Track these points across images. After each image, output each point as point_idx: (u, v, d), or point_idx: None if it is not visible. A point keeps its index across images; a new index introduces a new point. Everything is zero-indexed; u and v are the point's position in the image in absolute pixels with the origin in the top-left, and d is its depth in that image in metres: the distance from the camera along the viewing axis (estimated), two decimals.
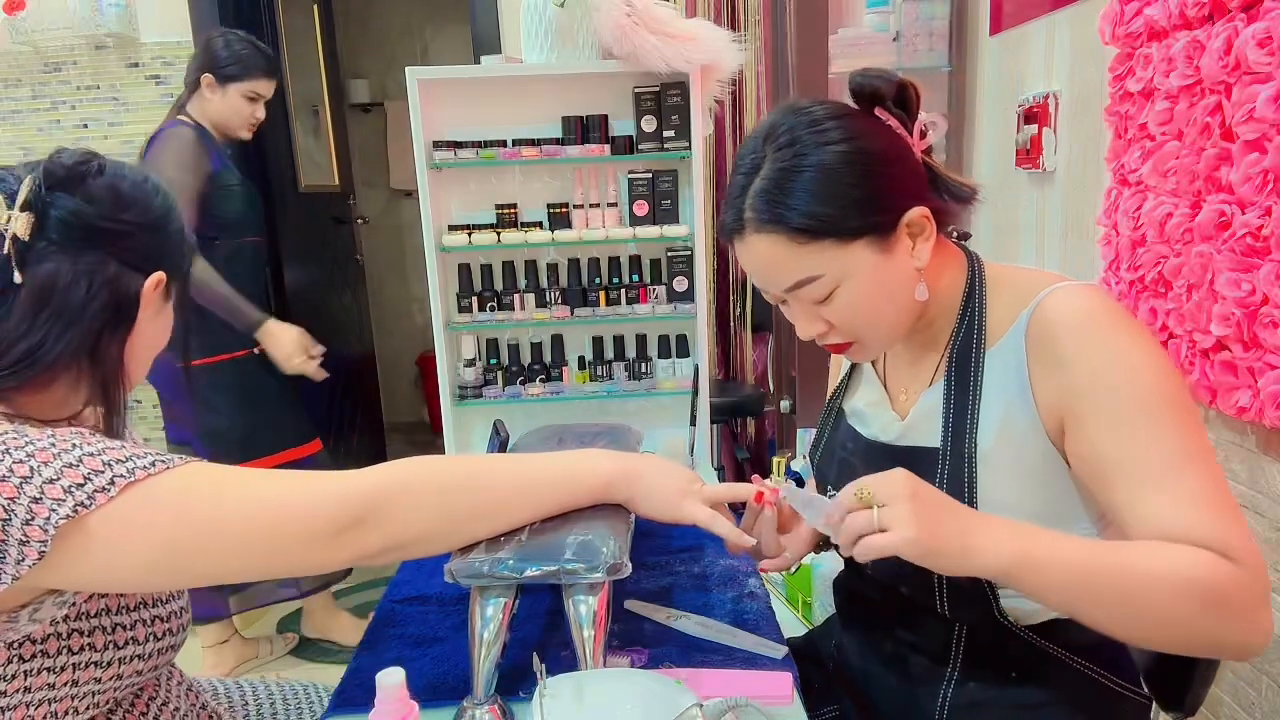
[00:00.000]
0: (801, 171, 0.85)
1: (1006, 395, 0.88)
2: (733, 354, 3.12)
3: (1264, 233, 1.24)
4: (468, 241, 1.81)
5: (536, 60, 1.80)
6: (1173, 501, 0.78)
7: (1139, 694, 0.96)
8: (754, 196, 0.87)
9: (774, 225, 0.85)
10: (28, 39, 2.85)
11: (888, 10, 2.41)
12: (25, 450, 0.71)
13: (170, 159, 2.07)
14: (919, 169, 0.91)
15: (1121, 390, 0.81)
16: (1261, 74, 1.23)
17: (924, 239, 0.89)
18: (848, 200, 0.84)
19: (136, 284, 0.83)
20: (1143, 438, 0.80)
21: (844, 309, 0.89)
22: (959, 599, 0.92)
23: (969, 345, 0.92)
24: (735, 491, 0.96)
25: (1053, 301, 0.86)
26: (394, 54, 4.62)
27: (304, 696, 1.19)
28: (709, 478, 1.71)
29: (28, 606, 0.75)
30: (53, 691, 0.78)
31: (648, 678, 0.79)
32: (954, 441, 0.90)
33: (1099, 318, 0.83)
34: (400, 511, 0.81)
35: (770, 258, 0.88)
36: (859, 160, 0.85)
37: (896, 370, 1.03)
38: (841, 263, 0.86)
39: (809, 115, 0.88)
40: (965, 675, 0.95)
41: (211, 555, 0.76)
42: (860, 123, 0.88)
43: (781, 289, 0.90)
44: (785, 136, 0.87)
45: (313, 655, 2.60)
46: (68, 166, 0.80)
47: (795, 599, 1.76)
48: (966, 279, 0.94)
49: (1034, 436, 0.87)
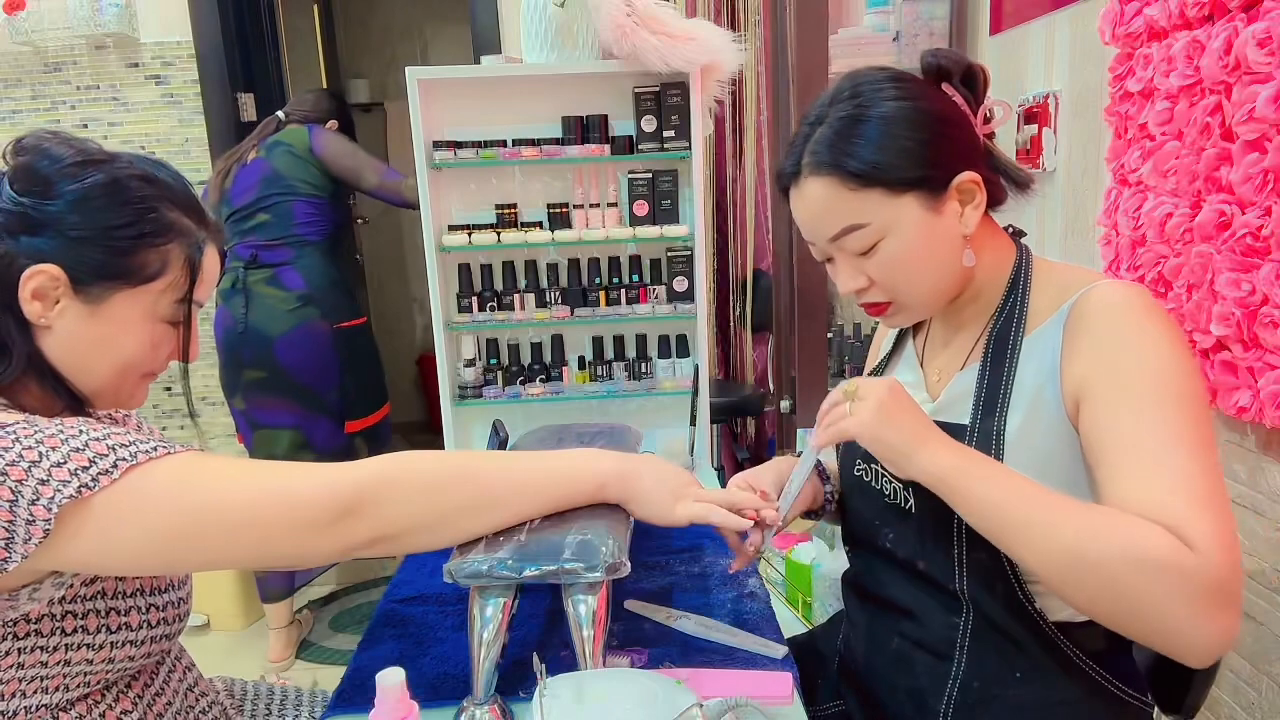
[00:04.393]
0: (861, 121, 0.88)
1: (1039, 380, 0.89)
2: (733, 354, 3.12)
3: (1264, 233, 1.24)
4: (468, 241, 1.81)
5: (536, 60, 1.80)
6: (1148, 481, 0.78)
7: (1144, 702, 0.95)
8: (814, 143, 0.90)
9: (829, 169, 0.89)
10: (27, 39, 2.85)
11: (888, 10, 2.41)
12: (34, 437, 0.73)
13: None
14: (977, 142, 0.94)
15: (1132, 372, 0.82)
16: (1261, 74, 1.23)
17: (973, 206, 0.91)
18: (902, 151, 0.88)
19: (19, 270, 0.80)
20: (1140, 420, 0.80)
21: (886, 263, 0.91)
22: (978, 574, 0.92)
23: (1009, 329, 0.93)
24: (732, 498, 0.97)
25: (1095, 292, 0.88)
26: (394, 54, 4.62)
27: (304, 696, 1.19)
28: (709, 478, 1.71)
29: (28, 586, 0.77)
30: (45, 669, 0.80)
31: (648, 678, 0.79)
32: (983, 420, 0.91)
33: (1133, 306, 0.85)
34: (390, 504, 0.81)
35: (822, 202, 0.91)
36: (917, 116, 0.89)
37: (933, 352, 1.05)
38: (889, 214, 0.89)
39: (876, 75, 0.92)
40: (970, 674, 0.94)
41: (204, 541, 0.77)
42: (924, 88, 0.93)
43: (828, 236, 0.93)
44: (849, 92, 0.91)
45: (313, 655, 2.60)
46: (13, 147, 0.81)
47: (795, 599, 1.76)
48: (1014, 266, 0.96)
49: (1058, 420, 0.87)
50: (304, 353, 2.39)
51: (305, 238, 2.43)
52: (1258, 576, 1.41)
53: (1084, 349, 0.86)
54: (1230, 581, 0.74)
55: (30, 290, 0.80)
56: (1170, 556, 0.73)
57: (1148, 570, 0.73)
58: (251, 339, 2.36)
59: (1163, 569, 0.73)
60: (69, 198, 0.81)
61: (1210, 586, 0.73)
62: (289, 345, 2.37)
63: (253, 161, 2.44)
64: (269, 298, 2.37)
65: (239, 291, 2.37)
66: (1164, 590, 0.73)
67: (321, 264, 2.45)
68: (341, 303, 2.49)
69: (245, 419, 2.47)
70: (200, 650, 2.61)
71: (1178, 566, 0.73)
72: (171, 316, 0.88)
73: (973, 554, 0.92)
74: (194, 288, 0.89)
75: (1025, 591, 0.90)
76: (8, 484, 0.70)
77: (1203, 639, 0.74)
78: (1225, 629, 0.75)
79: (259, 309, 2.36)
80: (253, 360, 2.38)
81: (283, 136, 2.47)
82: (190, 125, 3.02)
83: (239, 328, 2.36)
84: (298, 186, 2.42)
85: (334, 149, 2.46)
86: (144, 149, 3.03)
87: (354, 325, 2.53)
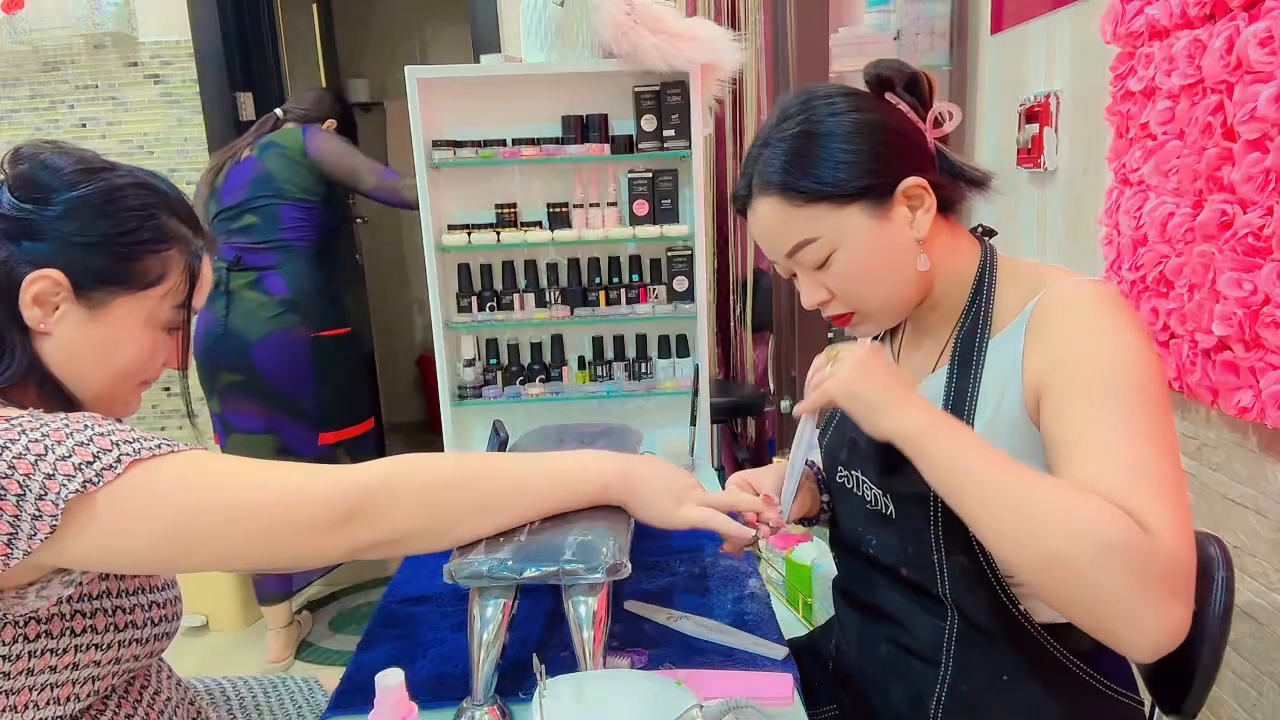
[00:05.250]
0: (803, 138, 0.91)
1: (1002, 379, 0.89)
2: (733, 354, 3.12)
3: (1265, 232, 1.24)
4: (467, 241, 1.81)
5: (536, 59, 1.80)
6: (1104, 466, 0.76)
7: (1132, 699, 0.95)
8: (761, 164, 0.93)
9: (774, 188, 0.91)
10: (26, 38, 2.85)
11: (888, 9, 2.41)
12: (40, 431, 0.73)
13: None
14: (924, 147, 0.94)
15: (1087, 365, 0.81)
16: (1263, 73, 1.23)
17: (923, 210, 0.92)
18: (841, 164, 0.89)
19: (20, 276, 0.80)
20: (1095, 412, 0.79)
21: (841, 275, 0.93)
22: (960, 579, 0.92)
23: (974, 331, 0.93)
24: (733, 501, 0.96)
25: (1058, 288, 0.88)
26: (394, 53, 4.62)
27: (304, 696, 1.19)
28: (709, 478, 1.71)
29: (35, 584, 0.77)
30: (54, 675, 0.80)
31: (647, 679, 0.79)
32: None
33: (1093, 301, 0.85)
34: (393, 507, 0.81)
35: (772, 221, 0.93)
36: (857, 128, 0.90)
37: (906, 356, 1.05)
38: (838, 226, 0.90)
39: (819, 92, 0.94)
40: (958, 678, 0.94)
41: (207, 540, 0.77)
42: (867, 100, 0.94)
43: (783, 253, 0.94)
44: (794, 110, 0.93)
45: (313, 655, 2.60)
46: (11, 155, 0.81)
47: (795, 599, 1.76)
48: (979, 267, 0.96)
49: (1020, 419, 0.87)
50: (280, 358, 2.36)
51: (291, 243, 2.39)
52: (1258, 576, 1.40)
53: (1043, 345, 0.86)
54: (1183, 566, 0.73)
55: (32, 295, 0.80)
56: (1123, 535, 0.71)
57: (1099, 544, 0.71)
58: (230, 342, 2.33)
59: (1114, 545, 0.71)
60: (71, 204, 0.82)
61: (1162, 570, 0.71)
62: (265, 350, 2.33)
63: (245, 160, 2.41)
64: (250, 302, 2.34)
65: (221, 294, 2.33)
66: (1115, 566, 0.71)
67: (307, 270, 2.41)
68: (324, 311, 2.45)
69: (220, 422, 2.44)
70: (200, 650, 2.63)
71: (1129, 544, 0.71)
72: (169, 323, 0.89)
73: (952, 557, 0.92)
74: (193, 293, 0.90)
75: (1009, 594, 0.90)
76: (15, 477, 0.70)
77: (1151, 626, 0.72)
78: (1175, 622, 0.72)
79: (239, 312, 2.33)
80: (230, 364, 2.35)
81: (277, 137, 2.43)
82: (189, 125, 3.02)
83: (218, 330, 2.33)
84: (286, 189, 2.38)
85: (329, 150, 2.42)
86: (143, 148, 3.03)
87: (335, 335, 2.47)
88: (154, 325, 0.87)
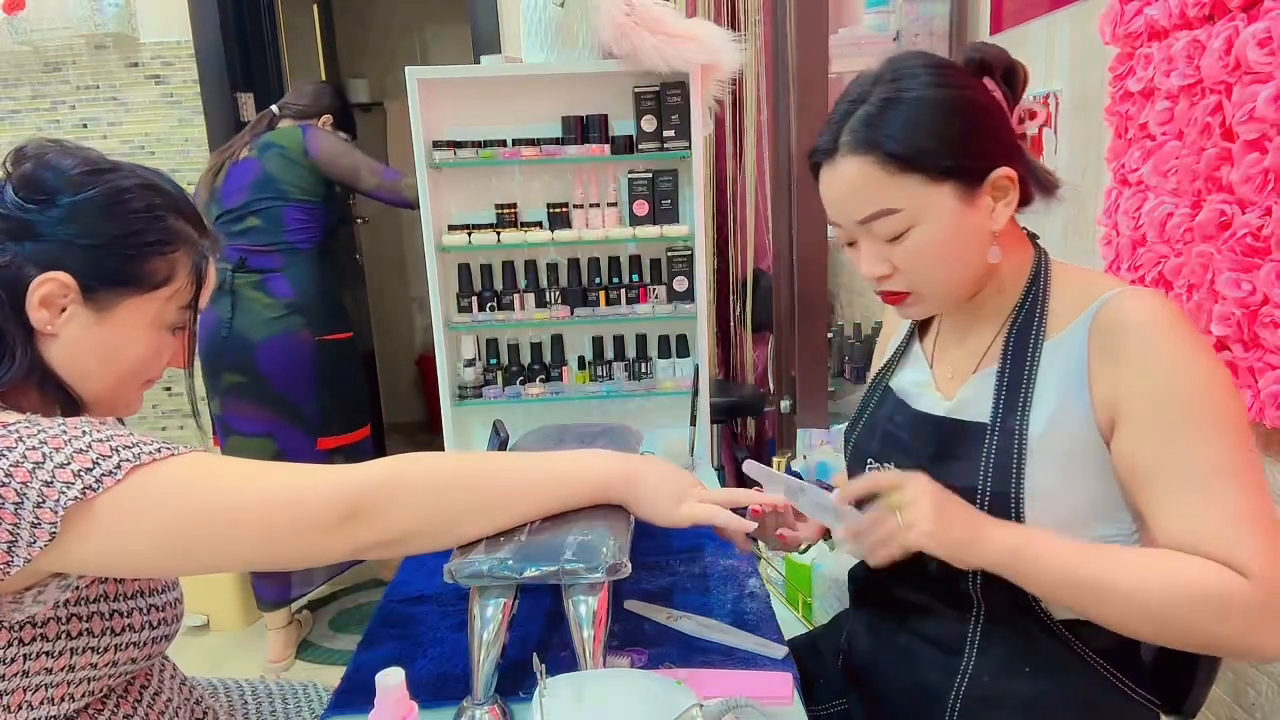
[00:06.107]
0: (905, 103, 0.87)
1: (1064, 387, 0.89)
2: (733, 354, 3.12)
3: (1264, 233, 1.24)
4: (467, 241, 1.81)
5: (536, 60, 1.80)
6: (1195, 511, 0.80)
7: (1151, 700, 0.96)
8: (855, 120, 0.88)
9: (869, 149, 0.87)
10: (27, 39, 2.85)
11: (888, 10, 2.41)
12: (38, 438, 0.72)
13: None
14: (1014, 139, 0.94)
15: (1169, 395, 0.82)
16: (1262, 74, 1.23)
17: (1005, 203, 0.91)
18: (944, 138, 0.87)
19: (27, 278, 0.80)
20: (1179, 446, 0.81)
21: (914, 252, 0.90)
22: (989, 574, 0.91)
23: (1028, 330, 0.93)
24: (734, 497, 0.97)
25: (1120, 301, 0.87)
26: (394, 54, 4.62)
27: (304, 696, 1.19)
28: (709, 478, 1.71)
29: (32, 589, 0.76)
30: (49, 676, 0.79)
31: (647, 678, 0.79)
32: (1004, 418, 0.91)
33: (1164, 322, 0.85)
34: (395, 506, 0.81)
35: (857, 183, 0.89)
36: (961, 105, 0.88)
37: (945, 351, 1.04)
38: (924, 201, 0.88)
39: (920, 59, 0.91)
40: (980, 668, 0.94)
41: (208, 542, 0.76)
42: (967, 78, 0.92)
43: (857, 218, 0.91)
44: (892, 74, 0.89)
45: (313, 655, 2.60)
46: (14, 155, 0.81)
47: (795, 599, 1.76)
48: (1033, 267, 0.96)
49: (1086, 431, 0.87)
50: (285, 362, 2.36)
51: (296, 245, 2.39)
52: None
53: (1116, 367, 0.85)
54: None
55: (39, 297, 0.80)
56: (1234, 596, 0.77)
57: (1216, 613, 0.78)
58: (234, 343, 2.33)
59: (1227, 607, 0.78)
60: (76, 206, 0.81)
61: (1268, 608, 0.77)
62: (270, 352, 2.33)
63: (244, 160, 2.39)
64: (255, 303, 2.34)
65: (225, 294, 2.33)
66: (1230, 622, 0.78)
67: (311, 272, 2.41)
68: (328, 314, 2.45)
69: (220, 424, 2.44)
70: (200, 650, 2.63)
71: (1240, 603, 0.77)
72: (175, 323, 0.89)
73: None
74: (199, 294, 0.90)
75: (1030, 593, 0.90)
76: (12, 485, 0.69)
77: (1270, 649, 0.79)
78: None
79: (245, 314, 2.33)
80: (233, 364, 2.35)
81: (275, 137, 2.41)
82: (190, 125, 3.02)
83: (223, 331, 2.33)
84: (289, 191, 2.36)
85: (330, 150, 2.40)
86: (143, 149, 3.03)
87: (338, 339, 2.49)
88: (160, 326, 0.87)
